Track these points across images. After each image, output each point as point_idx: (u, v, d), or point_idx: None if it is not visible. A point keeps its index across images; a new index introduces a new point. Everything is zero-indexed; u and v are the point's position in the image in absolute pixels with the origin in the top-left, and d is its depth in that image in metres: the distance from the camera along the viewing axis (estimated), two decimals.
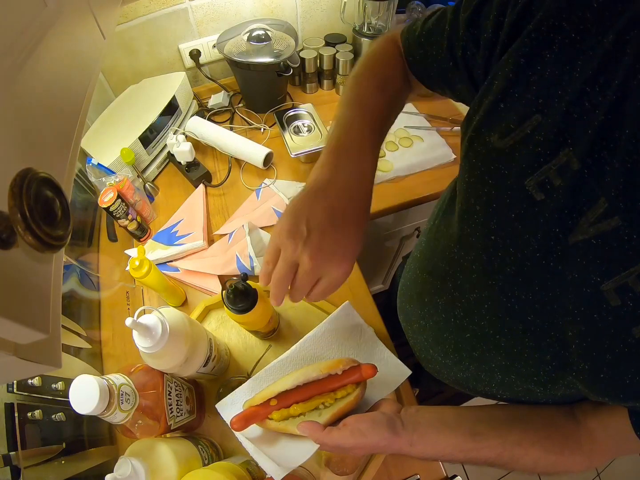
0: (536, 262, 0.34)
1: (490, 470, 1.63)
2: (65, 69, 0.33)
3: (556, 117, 0.30)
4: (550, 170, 0.31)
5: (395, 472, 0.58)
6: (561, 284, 0.32)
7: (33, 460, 0.44)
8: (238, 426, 0.45)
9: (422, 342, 0.56)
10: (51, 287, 0.23)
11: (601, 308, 0.30)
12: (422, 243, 0.56)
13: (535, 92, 0.31)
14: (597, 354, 0.31)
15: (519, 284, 0.36)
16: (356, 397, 0.46)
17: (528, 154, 0.32)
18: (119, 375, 0.45)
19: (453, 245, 0.44)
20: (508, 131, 0.33)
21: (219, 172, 0.96)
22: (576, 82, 0.28)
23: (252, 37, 0.94)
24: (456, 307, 0.46)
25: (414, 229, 1.15)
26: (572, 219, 0.30)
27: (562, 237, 0.31)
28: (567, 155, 0.29)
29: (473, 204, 0.38)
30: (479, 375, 0.48)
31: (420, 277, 0.54)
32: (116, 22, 0.60)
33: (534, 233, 0.33)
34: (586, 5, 0.28)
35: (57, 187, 0.19)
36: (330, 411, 0.46)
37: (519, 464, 0.42)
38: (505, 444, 0.41)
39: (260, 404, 0.47)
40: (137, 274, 0.61)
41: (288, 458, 0.46)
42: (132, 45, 0.98)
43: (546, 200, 0.31)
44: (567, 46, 0.29)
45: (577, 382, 0.36)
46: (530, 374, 0.40)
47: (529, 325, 0.37)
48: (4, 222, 0.16)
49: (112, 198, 0.71)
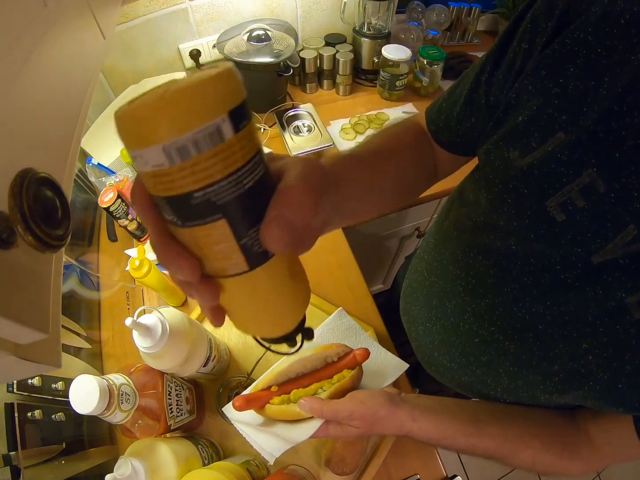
0: (555, 276, 0.33)
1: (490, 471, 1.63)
2: (65, 69, 0.33)
3: (581, 136, 0.29)
4: (572, 191, 0.30)
5: (395, 472, 0.58)
6: (579, 299, 0.32)
7: (33, 460, 0.44)
8: (239, 404, 0.46)
9: (427, 344, 0.56)
10: (51, 287, 0.23)
11: (624, 320, 0.30)
12: (430, 244, 0.55)
13: (558, 107, 0.30)
14: (618, 365, 0.32)
15: (535, 295, 0.36)
16: (352, 378, 0.47)
17: (550, 173, 0.31)
18: (119, 375, 0.45)
19: (468, 249, 0.43)
20: (530, 149, 0.32)
21: None
22: (603, 100, 0.27)
23: (252, 37, 0.94)
24: (466, 312, 0.45)
25: (414, 229, 1.15)
26: (596, 243, 0.30)
27: (585, 256, 0.31)
28: (590, 175, 0.28)
29: (496, 219, 0.38)
30: (485, 379, 0.47)
31: (428, 279, 0.53)
32: (116, 22, 0.60)
33: (555, 251, 0.32)
34: (614, 22, 0.27)
35: (57, 187, 0.19)
36: (328, 392, 0.46)
37: (518, 459, 0.42)
38: (507, 435, 0.41)
39: (261, 389, 0.48)
40: (137, 274, 0.61)
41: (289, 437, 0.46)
42: (132, 45, 0.97)
43: (568, 221, 0.31)
44: (593, 61, 0.28)
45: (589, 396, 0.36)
46: (537, 382, 0.40)
47: (539, 334, 0.37)
48: (4, 222, 0.16)
49: (112, 198, 0.71)
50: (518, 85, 0.33)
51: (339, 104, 1.13)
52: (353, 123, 1.04)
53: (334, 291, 0.74)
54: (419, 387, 0.87)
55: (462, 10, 1.27)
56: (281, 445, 0.44)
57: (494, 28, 1.43)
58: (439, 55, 1.07)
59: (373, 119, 1.06)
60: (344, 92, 1.15)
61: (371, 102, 1.13)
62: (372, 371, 0.48)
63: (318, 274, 0.77)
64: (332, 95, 1.16)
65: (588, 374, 0.34)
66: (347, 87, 1.14)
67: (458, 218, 0.47)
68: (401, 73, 1.05)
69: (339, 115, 1.07)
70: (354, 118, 1.06)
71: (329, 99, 1.15)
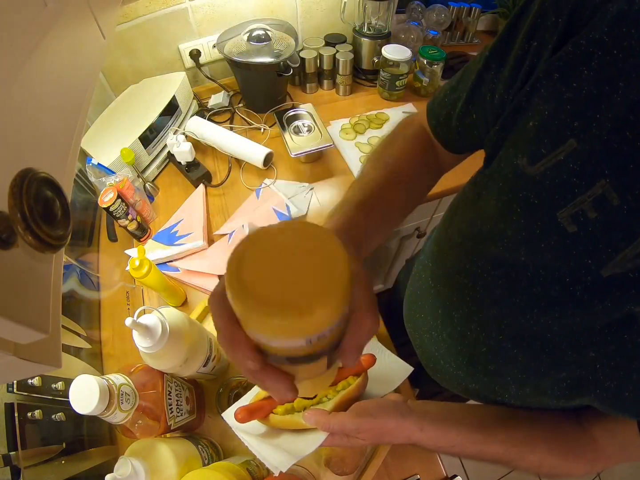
0: (564, 287, 0.33)
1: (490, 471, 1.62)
2: (65, 69, 0.33)
3: (594, 145, 0.27)
4: (584, 202, 0.29)
5: (395, 472, 0.58)
6: (588, 311, 0.32)
7: (33, 460, 0.44)
8: (242, 416, 0.44)
9: (432, 352, 0.55)
10: (51, 287, 0.23)
11: (632, 329, 0.30)
12: (434, 252, 0.54)
13: (570, 112, 0.29)
14: (625, 373, 0.31)
15: (542, 306, 0.35)
16: (358, 385, 0.46)
17: (561, 183, 0.30)
18: (119, 375, 0.45)
19: (476, 259, 0.42)
20: (539, 156, 0.31)
21: (219, 172, 0.96)
22: (617, 108, 0.26)
23: (252, 37, 0.94)
24: (473, 321, 0.44)
25: (414, 229, 1.15)
26: (607, 254, 0.29)
27: (594, 269, 0.30)
28: (603, 187, 0.27)
29: (504, 228, 0.37)
30: (492, 387, 0.47)
31: (434, 287, 0.53)
32: (116, 22, 0.60)
33: (565, 262, 0.32)
34: (632, 21, 0.25)
35: (57, 187, 0.19)
36: (333, 402, 0.45)
37: (525, 462, 0.41)
38: (514, 440, 0.41)
39: (264, 397, 0.47)
40: (137, 274, 0.61)
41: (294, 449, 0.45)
42: (132, 45, 0.97)
43: (579, 233, 0.30)
44: (608, 64, 0.26)
45: (597, 401, 0.36)
46: (545, 388, 0.40)
47: (547, 343, 0.36)
48: (4, 222, 0.16)
49: (112, 198, 0.71)
50: (529, 89, 0.31)
51: (339, 104, 1.13)
52: (353, 123, 1.04)
53: None
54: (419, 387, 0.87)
55: (462, 10, 1.28)
56: (287, 459, 0.43)
57: (494, 28, 1.43)
58: (439, 55, 1.07)
59: (373, 119, 1.06)
60: (344, 92, 1.15)
61: (371, 102, 1.13)
62: (377, 375, 0.47)
63: None
64: (332, 95, 1.16)
65: (595, 381, 0.34)
66: (347, 87, 1.14)
67: (462, 225, 0.46)
68: (401, 73, 1.05)
69: (339, 115, 1.07)
70: (354, 118, 1.06)
71: (329, 99, 1.15)
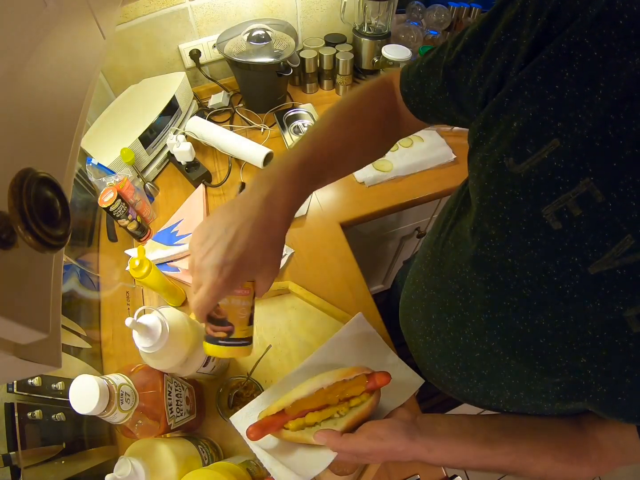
0: (553, 287, 0.33)
1: None
2: (65, 69, 0.33)
3: (576, 144, 0.28)
4: (569, 200, 0.29)
5: (395, 472, 0.58)
6: (578, 311, 0.32)
7: (33, 460, 0.44)
8: (254, 435, 0.44)
9: (427, 357, 0.55)
10: (51, 287, 0.23)
11: (623, 334, 0.29)
12: (427, 256, 0.54)
13: (553, 113, 0.29)
14: (617, 378, 0.31)
15: (534, 307, 0.35)
16: (371, 405, 0.46)
17: (546, 180, 0.30)
18: (119, 375, 0.45)
19: (464, 264, 0.43)
20: (525, 155, 0.31)
21: (219, 172, 0.96)
22: (599, 108, 0.27)
23: (252, 37, 0.94)
24: (466, 327, 0.45)
25: (414, 229, 1.15)
26: (593, 252, 0.29)
27: (582, 267, 0.30)
28: (587, 184, 0.28)
29: (488, 228, 0.37)
30: (487, 392, 0.47)
31: (427, 293, 0.53)
32: (116, 22, 0.60)
33: (552, 260, 0.32)
34: (612, 23, 0.26)
35: (57, 187, 0.19)
36: (345, 420, 0.45)
37: (531, 472, 0.42)
38: (519, 451, 0.42)
39: (276, 412, 0.46)
40: (137, 274, 0.61)
41: (306, 467, 0.45)
42: (132, 45, 0.98)
43: (564, 230, 0.30)
44: (589, 65, 0.27)
45: (591, 405, 0.36)
46: (539, 392, 0.40)
47: (540, 348, 0.36)
48: (4, 222, 0.16)
49: (112, 198, 0.71)
50: (513, 91, 0.32)
51: None
52: None
53: (334, 291, 0.74)
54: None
55: (462, 10, 1.27)
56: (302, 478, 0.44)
57: None
58: None
59: None
60: (344, 92, 1.14)
61: None
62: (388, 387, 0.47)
63: (318, 274, 0.77)
64: (332, 96, 1.16)
65: (588, 386, 0.34)
66: (347, 87, 1.14)
67: (453, 230, 0.47)
68: None
69: None
70: None
71: (329, 99, 1.15)
